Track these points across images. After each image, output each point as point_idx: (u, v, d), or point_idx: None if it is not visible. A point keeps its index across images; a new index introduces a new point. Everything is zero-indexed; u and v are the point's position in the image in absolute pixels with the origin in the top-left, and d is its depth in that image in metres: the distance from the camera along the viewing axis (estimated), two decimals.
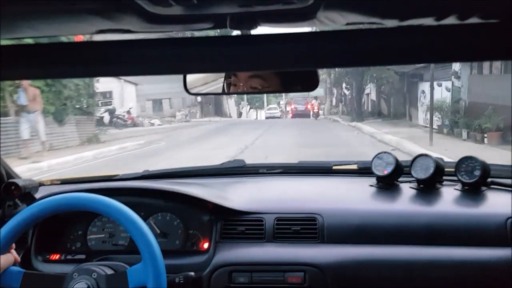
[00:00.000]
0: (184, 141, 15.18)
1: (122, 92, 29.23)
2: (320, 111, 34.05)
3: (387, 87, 22.85)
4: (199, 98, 33.70)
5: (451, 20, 0.67)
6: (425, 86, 15.77)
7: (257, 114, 42.88)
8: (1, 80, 0.71)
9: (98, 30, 0.76)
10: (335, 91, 37.64)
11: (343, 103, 33.51)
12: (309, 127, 20.19)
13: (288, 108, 42.25)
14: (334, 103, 38.49)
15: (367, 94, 27.93)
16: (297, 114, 35.28)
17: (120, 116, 24.50)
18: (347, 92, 29.93)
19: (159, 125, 26.40)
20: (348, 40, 0.64)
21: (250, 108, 45.95)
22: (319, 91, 39.26)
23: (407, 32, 0.65)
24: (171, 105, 34.14)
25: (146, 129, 22.44)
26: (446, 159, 1.96)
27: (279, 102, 47.87)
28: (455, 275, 1.46)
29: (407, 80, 19.80)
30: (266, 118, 37.19)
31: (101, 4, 0.63)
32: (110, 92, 29.10)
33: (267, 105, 45.34)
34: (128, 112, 25.98)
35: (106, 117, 23.62)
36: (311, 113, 32.90)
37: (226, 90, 1.24)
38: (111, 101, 28.74)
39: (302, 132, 17.31)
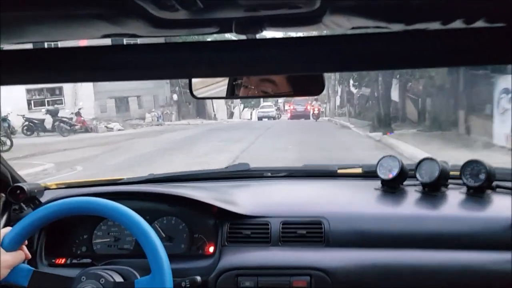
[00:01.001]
0: (107, 167, 9.96)
1: (75, 87, 24.03)
2: (320, 113, 31.71)
3: (420, 83, 16.95)
4: (175, 96, 29.33)
5: (457, 24, 0.67)
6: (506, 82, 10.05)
7: (251, 114, 39.43)
8: (7, 85, 0.71)
9: (103, 35, 0.76)
10: (339, 89, 33.64)
11: (349, 103, 29.03)
12: (312, 137, 15.28)
13: (287, 107, 39.24)
14: (338, 102, 34.75)
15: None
16: (296, 115, 32.62)
17: (64, 119, 19.80)
18: (354, 91, 26.42)
19: (119, 130, 21.59)
20: (354, 44, 0.64)
21: (244, 107, 42.27)
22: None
23: (413, 36, 0.65)
24: (140, 104, 28.36)
25: (101, 136, 18.53)
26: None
27: (277, 100, 42.27)
28: (460, 279, 1.45)
29: (466, 73, 12.71)
30: (259, 118, 34.55)
31: (107, 9, 0.64)
32: (60, 88, 24.49)
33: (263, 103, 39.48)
34: (78, 113, 20.93)
35: (48, 120, 19.73)
36: (311, 114, 30.77)
37: (233, 94, 1.24)
38: (61, 99, 24.43)
39: (304, 146, 12.07)
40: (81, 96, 23.82)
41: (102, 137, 18.19)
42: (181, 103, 30.73)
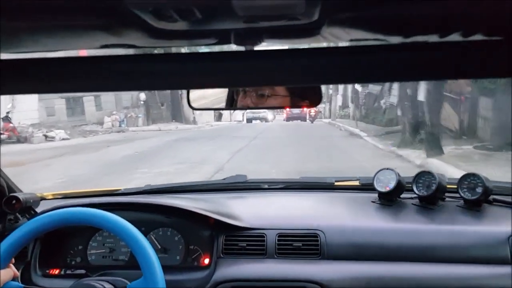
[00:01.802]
0: None
1: None
2: (317, 115, 31.12)
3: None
4: (142, 96, 25.03)
5: (455, 37, 0.68)
6: None
7: (243, 115, 35.64)
8: (5, 94, 0.71)
9: (102, 45, 0.76)
10: (341, 86, 29.54)
11: (354, 103, 24.71)
12: (314, 152, 11.13)
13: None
14: (340, 102, 30.25)
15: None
16: (292, 117, 31.20)
17: None
18: (359, 88, 22.70)
19: (63, 139, 17.29)
20: (352, 56, 0.64)
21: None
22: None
23: (411, 49, 0.65)
24: (99, 105, 23.84)
25: (29, 149, 14.08)
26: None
27: None
28: None
29: None
30: (248, 120, 32.12)
31: (105, 19, 0.64)
32: None
33: None
34: (5, 118, 16.49)
35: None
36: (307, 116, 29.62)
37: (232, 105, 1.24)
38: None
39: (304, 169, 7.88)
40: (22, 96, 16.99)
41: (28, 150, 13.61)
42: (152, 104, 26.41)
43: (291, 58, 0.65)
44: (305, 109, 28.55)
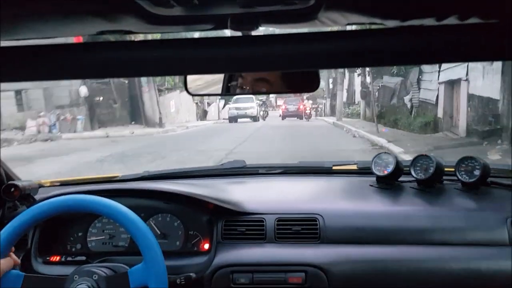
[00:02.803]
0: None
1: None
2: (312, 112, 28.87)
3: None
4: (83, 90, 18.37)
5: (451, 21, 0.67)
6: None
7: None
8: (1, 82, 0.71)
9: (99, 31, 0.76)
10: (346, 79, 26.34)
11: (365, 99, 20.73)
12: None
13: (279, 102, 33.25)
14: (345, 98, 25.02)
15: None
16: (288, 114, 29.17)
17: None
18: (368, 80, 18.92)
19: None
20: (349, 41, 0.64)
21: (225, 104, 31.76)
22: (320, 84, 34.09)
23: (408, 33, 0.65)
24: (27, 103, 17.88)
25: None
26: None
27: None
28: (455, 274, 1.46)
29: None
30: (231, 119, 26.61)
31: (101, 5, 0.63)
32: None
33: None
34: None
35: None
36: (303, 114, 27.85)
37: (228, 91, 1.24)
38: None
39: None
40: None
41: None
42: (100, 101, 19.81)
43: (288, 43, 0.64)
44: (301, 106, 28.82)
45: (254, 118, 26.74)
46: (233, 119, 27.01)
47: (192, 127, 22.34)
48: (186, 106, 28.23)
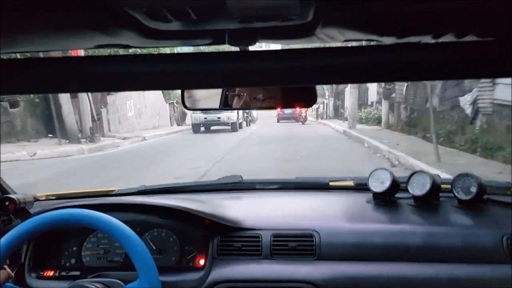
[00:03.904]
0: None
1: None
2: (307, 115, 27.14)
3: None
4: None
5: (448, 38, 0.68)
6: None
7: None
8: (1, 94, 0.70)
9: (97, 45, 0.76)
10: None
11: (390, 99, 16.00)
12: None
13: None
14: (355, 98, 18.27)
15: None
16: (283, 117, 28.52)
17: None
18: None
19: None
20: (346, 57, 0.64)
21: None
22: None
23: (405, 49, 0.65)
24: None
25: None
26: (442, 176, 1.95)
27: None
28: None
29: None
30: (195, 128, 18.81)
31: (100, 19, 0.64)
32: None
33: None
34: None
35: None
36: (300, 117, 26.65)
37: (226, 105, 1.24)
38: None
39: None
40: None
41: None
42: None
43: (285, 58, 0.65)
44: (297, 109, 24.63)
45: (233, 126, 18.73)
46: (198, 127, 18.72)
47: (156, 137, 17.04)
48: (155, 107, 22.38)
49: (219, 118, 18.36)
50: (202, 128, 19.33)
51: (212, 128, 19.35)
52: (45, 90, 0.74)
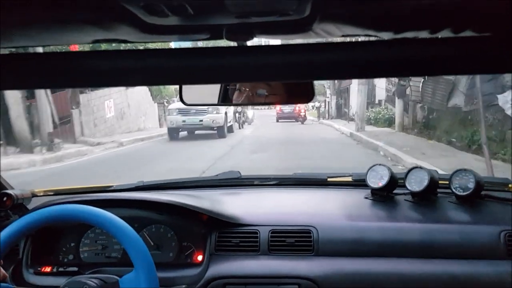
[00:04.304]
0: None
1: None
2: (306, 114, 26.02)
3: None
4: None
5: (445, 33, 0.68)
6: None
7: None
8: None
9: (94, 40, 0.76)
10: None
11: (405, 97, 14.07)
12: None
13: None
14: (364, 96, 15.82)
15: None
16: (283, 117, 27.07)
17: None
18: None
19: None
20: (344, 52, 0.64)
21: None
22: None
23: (402, 45, 0.65)
24: None
25: None
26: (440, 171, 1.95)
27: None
28: (449, 287, 1.45)
29: None
30: (171, 134, 15.07)
31: (97, 15, 0.63)
32: None
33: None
34: None
35: None
36: (299, 116, 25.47)
37: (225, 101, 1.24)
38: None
39: None
40: None
41: None
42: None
43: (283, 53, 0.64)
44: (297, 107, 25.13)
45: (220, 132, 14.90)
46: (176, 132, 15.09)
47: (138, 142, 14.94)
48: (141, 107, 19.57)
49: (201, 121, 14.52)
50: (183, 134, 15.48)
51: (196, 132, 15.64)
52: (43, 85, 0.73)
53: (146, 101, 20.52)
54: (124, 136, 15.69)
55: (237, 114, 19.26)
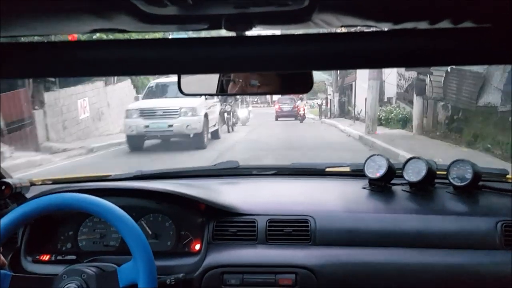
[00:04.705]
0: None
1: None
2: (305, 112, 24.68)
3: None
4: None
5: (444, 24, 0.68)
6: None
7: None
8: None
9: (92, 30, 0.76)
10: (381, 72, 14.29)
11: (424, 94, 12.29)
12: None
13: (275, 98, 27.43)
14: (377, 90, 13.66)
15: None
16: (282, 115, 25.70)
17: None
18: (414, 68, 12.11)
19: None
20: (342, 43, 0.64)
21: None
22: (321, 76, 26.39)
23: (401, 35, 0.65)
24: None
25: None
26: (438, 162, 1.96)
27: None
28: (446, 277, 1.46)
29: None
30: (131, 142, 11.56)
31: (96, 3, 0.63)
32: None
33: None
34: None
35: None
36: (298, 115, 24.26)
37: (222, 91, 1.24)
38: None
39: None
40: None
41: None
42: None
43: (282, 44, 0.64)
44: (297, 105, 24.19)
45: (196, 141, 11.47)
46: (138, 141, 11.71)
47: (113, 147, 12.57)
48: (126, 105, 13.87)
49: (170, 126, 11.20)
50: (149, 143, 12.16)
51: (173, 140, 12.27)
52: (41, 74, 0.73)
53: (130, 99, 16.46)
54: (98, 141, 13.30)
55: (225, 115, 16.02)
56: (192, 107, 11.21)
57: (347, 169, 2.07)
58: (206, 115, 11.86)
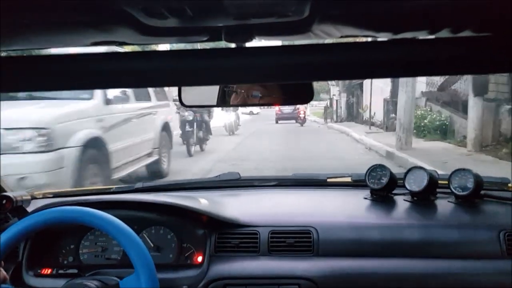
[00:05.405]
0: None
1: None
2: (306, 115, 24.11)
3: None
4: None
5: (444, 34, 0.68)
6: None
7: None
8: None
9: (93, 42, 0.76)
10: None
11: (484, 95, 9.09)
12: None
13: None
14: (413, 89, 10.24)
15: None
16: (282, 117, 25.41)
17: None
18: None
19: None
20: (343, 53, 0.64)
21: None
22: None
23: (401, 45, 0.65)
24: None
25: None
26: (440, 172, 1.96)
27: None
28: (449, 287, 1.45)
29: None
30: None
31: (96, 17, 0.63)
32: None
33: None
34: None
35: None
36: (298, 117, 23.50)
37: (223, 102, 1.24)
38: None
39: None
40: None
41: None
42: None
43: (282, 54, 0.65)
44: (298, 106, 22.74)
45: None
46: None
47: None
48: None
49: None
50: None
51: None
52: (42, 87, 0.73)
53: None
54: None
55: (186, 126, 10.48)
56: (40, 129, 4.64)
57: (349, 179, 2.07)
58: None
